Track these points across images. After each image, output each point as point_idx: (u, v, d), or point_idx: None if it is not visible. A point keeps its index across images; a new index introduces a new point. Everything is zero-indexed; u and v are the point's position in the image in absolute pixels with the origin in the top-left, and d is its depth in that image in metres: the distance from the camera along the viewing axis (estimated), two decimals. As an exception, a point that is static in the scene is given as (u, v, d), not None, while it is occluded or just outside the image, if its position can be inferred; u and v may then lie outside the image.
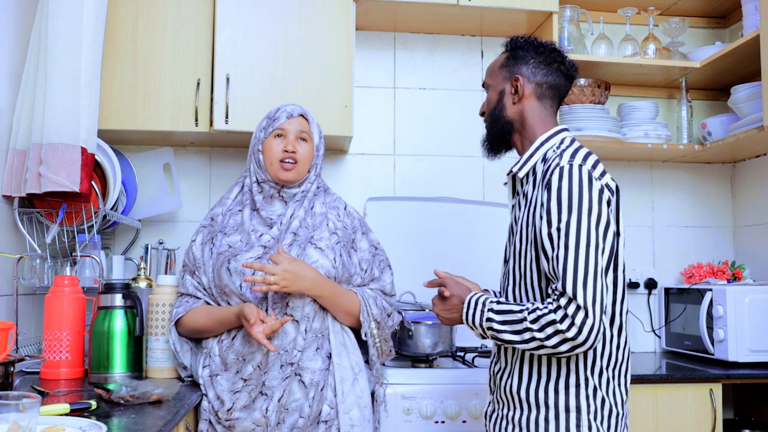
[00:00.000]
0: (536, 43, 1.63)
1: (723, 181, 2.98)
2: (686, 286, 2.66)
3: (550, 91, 1.62)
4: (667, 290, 2.76)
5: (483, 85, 1.71)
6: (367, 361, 1.89)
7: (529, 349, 1.44)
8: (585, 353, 1.47)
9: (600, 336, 1.40)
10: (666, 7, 2.85)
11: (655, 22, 2.81)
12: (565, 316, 1.37)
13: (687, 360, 2.54)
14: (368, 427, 1.78)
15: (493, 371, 1.64)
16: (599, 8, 2.85)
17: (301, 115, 1.93)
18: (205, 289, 1.91)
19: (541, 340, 1.40)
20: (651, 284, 2.85)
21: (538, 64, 1.61)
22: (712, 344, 2.42)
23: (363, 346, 1.89)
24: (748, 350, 2.34)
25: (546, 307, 1.40)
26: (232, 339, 1.81)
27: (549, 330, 1.39)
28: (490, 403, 1.66)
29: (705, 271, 2.77)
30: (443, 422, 2.06)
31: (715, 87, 2.92)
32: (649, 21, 2.81)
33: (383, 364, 2.15)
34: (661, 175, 2.94)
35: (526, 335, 1.42)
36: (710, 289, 2.45)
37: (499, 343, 1.51)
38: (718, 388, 2.23)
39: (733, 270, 2.75)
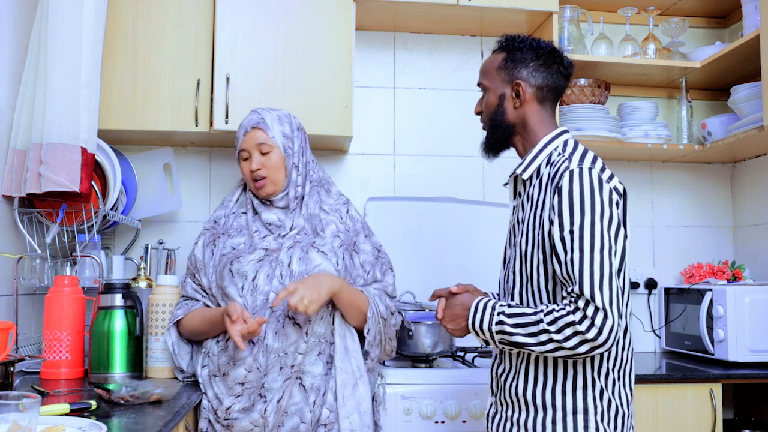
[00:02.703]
0: (535, 44, 1.61)
1: (723, 181, 2.97)
2: (686, 286, 2.66)
3: (551, 94, 1.62)
4: (667, 290, 2.76)
5: (478, 85, 1.69)
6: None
7: (543, 352, 1.43)
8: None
9: (617, 337, 1.40)
10: (666, 7, 2.85)
11: (655, 22, 2.81)
12: (584, 317, 1.37)
13: (687, 360, 2.54)
14: None
15: (496, 373, 1.63)
16: (599, 8, 2.84)
17: (255, 127, 1.89)
18: (205, 291, 1.91)
19: (559, 341, 1.40)
20: (651, 284, 2.85)
21: (538, 66, 1.59)
22: (712, 344, 2.41)
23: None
24: (748, 350, 2.34)
25: (563, 309, 1.40)
26: (227, 341, 1.82)
27: (568, 331, 1.39)
28: (492, 405, 1.65)
29: (705, 271, 2.76)
30: (443, 422, 2.05)
31: (715, 87, 2.92)
32: (649, 21, 2.81)
33: (383, 364, 2.15)
34: (661, 175, 2.94)
35: (543, 337, 1.41)
36: (710, 289, 2.45)
37: (508, 347, 1.50)
38: (718, 388, 2.23)
39: (733, 270, 2.74)
